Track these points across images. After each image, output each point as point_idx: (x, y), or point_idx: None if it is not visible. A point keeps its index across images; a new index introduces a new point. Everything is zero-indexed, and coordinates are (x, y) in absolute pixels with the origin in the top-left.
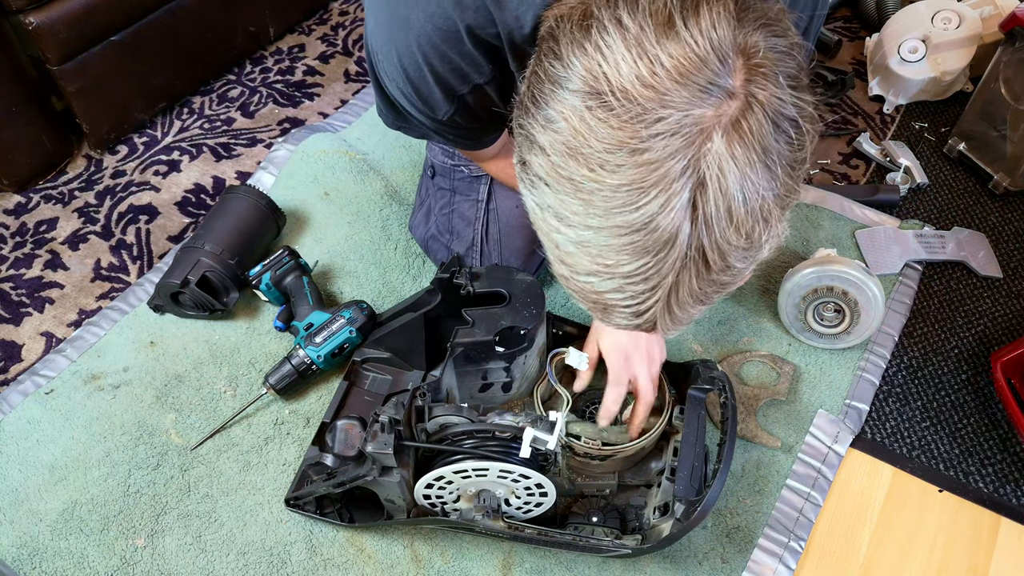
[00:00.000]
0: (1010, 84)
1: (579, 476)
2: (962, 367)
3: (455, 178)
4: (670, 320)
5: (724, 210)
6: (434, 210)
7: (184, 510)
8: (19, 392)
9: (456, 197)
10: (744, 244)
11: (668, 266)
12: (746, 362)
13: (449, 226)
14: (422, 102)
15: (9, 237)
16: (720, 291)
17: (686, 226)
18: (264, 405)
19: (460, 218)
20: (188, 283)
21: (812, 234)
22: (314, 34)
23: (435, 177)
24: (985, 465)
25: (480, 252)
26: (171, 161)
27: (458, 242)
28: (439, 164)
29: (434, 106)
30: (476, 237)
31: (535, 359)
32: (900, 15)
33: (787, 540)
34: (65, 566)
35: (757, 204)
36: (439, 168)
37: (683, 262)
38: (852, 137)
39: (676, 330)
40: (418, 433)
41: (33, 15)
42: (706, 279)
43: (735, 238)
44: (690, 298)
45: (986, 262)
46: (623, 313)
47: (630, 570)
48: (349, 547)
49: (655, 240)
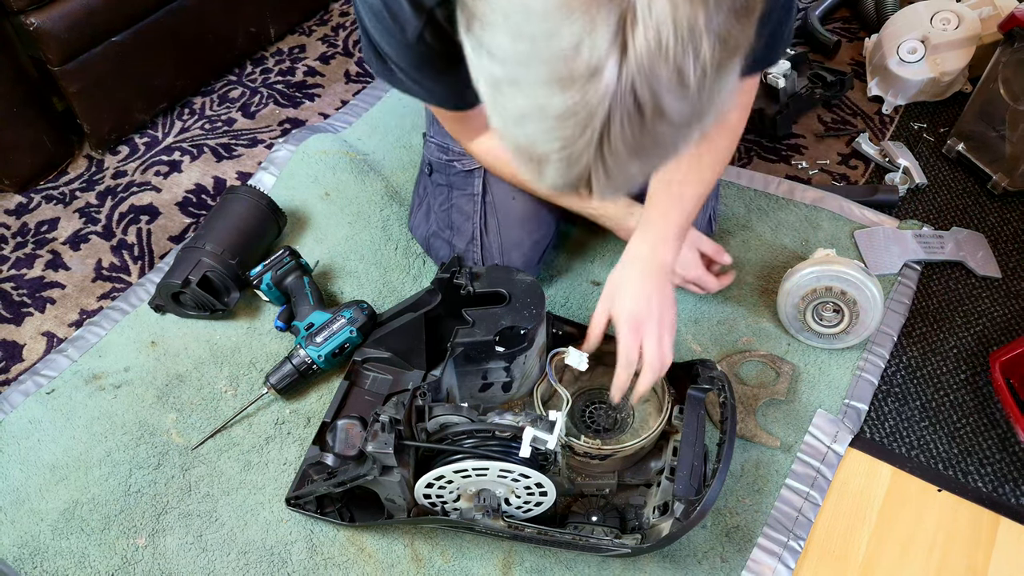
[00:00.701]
0: (1009, 84)
1: (579, 475)
2: (961, 367)
3: (450, 173)
4: (604, 175)
5: (652, 37)
6: (433, 207)
7: (185, 509)
8: (20, 392)
9: (454, 192)
10: (676, 80)
11: (596, 100)
12: (745, 362)
13: (449, 222)
14: (392, 18)
15: (10, 237)
16: (656, 148)
17: (613, 53)
18: (265, 405)
19: (459, 213)
20: (189, 283)
21: (811, 234)
22: (315, 35)
23: (432, 174)
24: (984, 465)
25: (480, 246)
26: (172, 161)
27: (459, 237)
28: (435, 161)
29: (404, 23)
30: (475, 231)
31: (535, 359)
32: (899, 16)
33: (786, 539)
34: (66, 565)
35: (688, 33)
36: (435, 164)
37: (612, 98)
38: (851, 137)
39: (613, 191)
40: (418, 433)
41: (34, 16)
42: (638, 124)
43: (665, 71)
44: (623, 147)
45: (985, 262)
46: (556, 164)
47: (630, 569)
48: (350, 546)
49: (581, 68)
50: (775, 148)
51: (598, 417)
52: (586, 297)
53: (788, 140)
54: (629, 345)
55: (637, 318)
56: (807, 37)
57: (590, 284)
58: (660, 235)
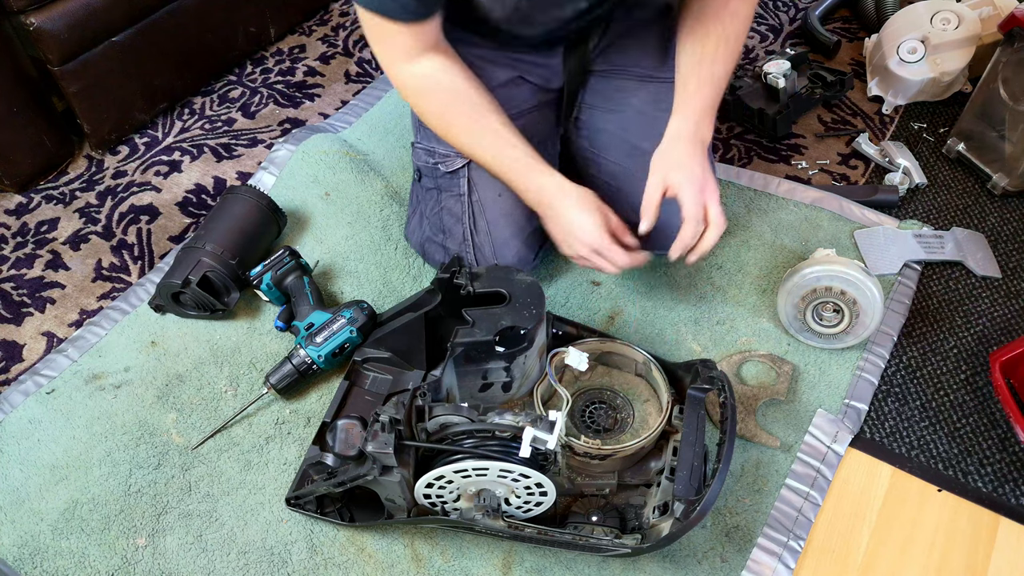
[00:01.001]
0: (1009, 85)
1: (579, 475)
2: (961, 367)
3: (436, 176)
4: None
5: None
6: (425, 213)
7: (185, 509)
8: (20, 392)
9: (442, 195)
10: None
11: None
12: (745, 362)
13: (440, 225)
14: None
15: (10, 237)
16: None
17: None
18: (265, 405)
19: (449, 215)
20: (189, 283)
21: (811, 234)
22: (315, 35)
23: (421, 179)
24: (984, 465)
25: (472, 245)
26: (172, 161)
27: (451, 240)
28: (423, 165)
29: None
30: (465, 231)
31: (535, 359)
32: (899, 16)
33: (786, 539)
34: (66, 565)
35: None
36: (423, 169)
37: None
38: (851, 137)
39: None
40: (418, 433)
41: (34, 16)
42: None
43: None
44: None
45: (985, 262)
46: None
47: (629, 569)
48: (350, 546)
49: None
50: (775, 148)
51: (598, 417)
52: (586, 297)
53: (788, 140)
54: (696, 203)
55: (700, 181)
56: (807, 37)
57: (590, 284)
58: (698, 112)
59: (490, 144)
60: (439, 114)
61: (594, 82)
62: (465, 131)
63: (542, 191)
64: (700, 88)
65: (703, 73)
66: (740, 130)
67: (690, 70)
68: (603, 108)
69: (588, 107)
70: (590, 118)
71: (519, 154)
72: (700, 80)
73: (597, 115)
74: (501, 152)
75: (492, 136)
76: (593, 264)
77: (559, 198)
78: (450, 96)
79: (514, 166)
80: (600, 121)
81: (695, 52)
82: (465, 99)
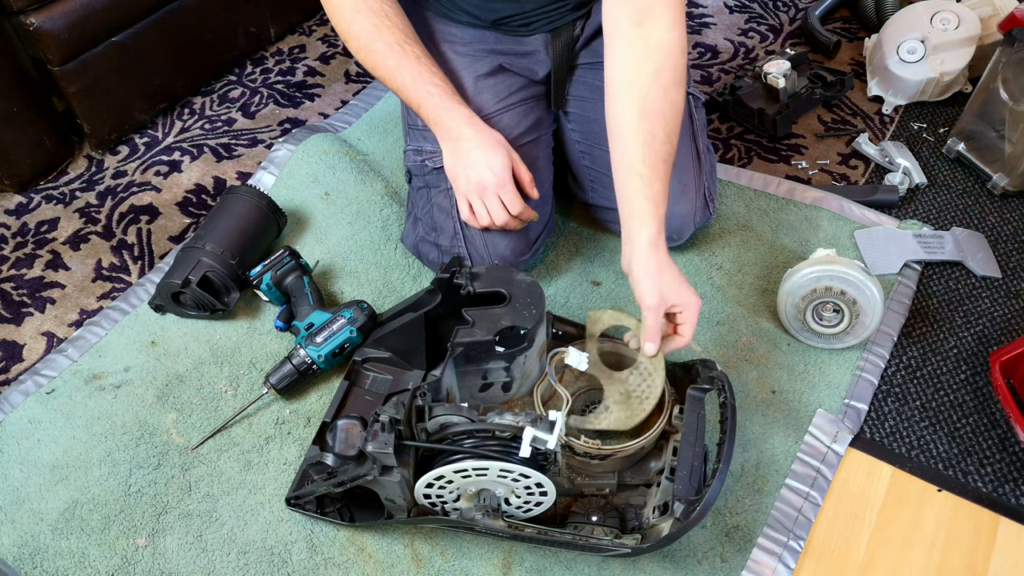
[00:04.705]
0: (1009, 85)
1: (579, 475)
2: (961, 367)
3: (424, 173)
4: None
5: None
6: (419, 215)
7: (185, 509)
8: (20, 392)
9: (431, 191)
10: None
11: None
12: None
13: (432, 223)
14: None
15: (10, 237)
16: None
17: None
18: (265, 405)
19: (439, 211)
20: (189, 283)
21: (811, 234)
22: (314, 35)
23: (412, 180)
24: (984, 465)
25: (464, 239)
26: (172, 161)
27: (443, 236)
28: (412, 166)
29: None
30: (455, 224)
31: (535, 359)
32: (899, 16)
33: (786, 539)
34: (66, 565)
35: None
36: (413, 169)
37: None
38: (851, 137)
39: None
40: (418, 433)
41: (34, 16)
42: None
43: None
44: None
45: (985, 262)
46: None
47: (629, 569)
48: (350, 546)
49: None
50: (775, 148)
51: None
52: (586, 297)
53: (788, 140)
54: (694, 327)
55: (694, 305)
56: (807, 37)
57: (590, 284)
58: (662, 216)
59: (409, 71)
60: (365, 37)
61: (582, 73)
62: (388, 56)
63: (453, 121)
64: (663, 190)
65: (660, 171)
66: (740, 130)
67: (652, 172)
68: (593, 99)
69: (578, 99)
70: (581, 109)
71: (437, 85)
72: (659, 177)
73: (588, 106)
74: (419, 78)
75: (413, 62)
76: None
77: (469, 132)
78: (379, 19)
79: (430, 96)
80: (591, 112)
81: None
82: (392, 24)
